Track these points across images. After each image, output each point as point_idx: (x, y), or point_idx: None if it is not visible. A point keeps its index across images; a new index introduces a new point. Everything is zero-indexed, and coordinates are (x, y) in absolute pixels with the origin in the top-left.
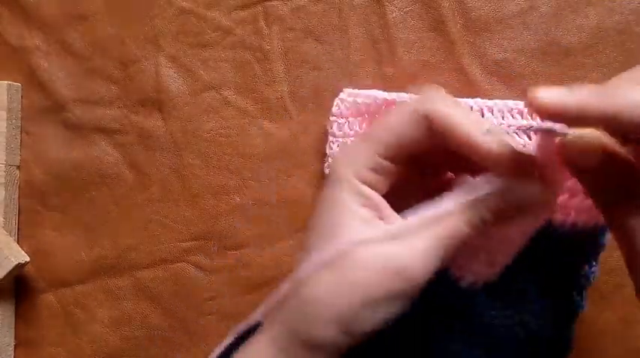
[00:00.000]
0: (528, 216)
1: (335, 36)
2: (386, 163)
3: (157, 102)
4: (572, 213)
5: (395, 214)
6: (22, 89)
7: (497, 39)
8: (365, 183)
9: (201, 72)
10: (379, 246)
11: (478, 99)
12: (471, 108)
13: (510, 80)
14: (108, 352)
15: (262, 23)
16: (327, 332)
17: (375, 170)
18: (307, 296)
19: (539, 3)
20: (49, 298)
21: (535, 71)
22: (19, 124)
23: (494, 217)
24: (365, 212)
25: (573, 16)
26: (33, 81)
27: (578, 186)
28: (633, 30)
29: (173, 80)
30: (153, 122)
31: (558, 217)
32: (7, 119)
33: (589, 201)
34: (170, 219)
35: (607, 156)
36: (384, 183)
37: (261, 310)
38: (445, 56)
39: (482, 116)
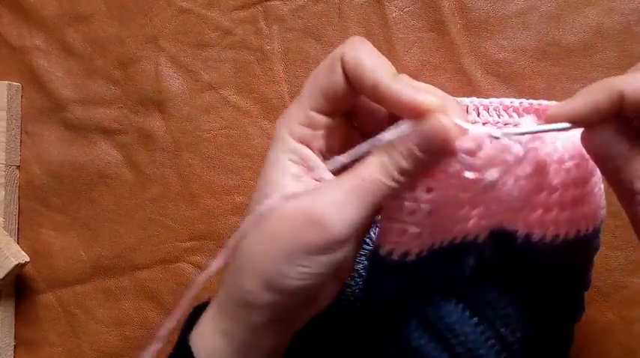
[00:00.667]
0: (438, 159)
1: (335, 36)
2: (318, 116)
3: (156, 102)
4: (551, 227)
5: (328, 173)
6: (22, 89)
7: (497, 39)
8: (299, 139)
9: (201, 72)
10: (299, 198)
11: (474, 99)
12: (467, 107)
13: (510, 80)
14: (108, 352)
15: (262, 23)
16: (252, 287)
17: (307, 124)
18: (239, 253)
19: (539, 3)
20: (49, 298)
21: (535, 71)
22: (19, 124)
23: (408, 162)
24: (296, 168)
25: (573, 16)
26: (33, 81)
27: (550, 201)
28: (633, 30)
29: (173, 80)
30: (153, 122)
31: (537, 233)
32: (7, 119)
33: (566, 213)
34: (170, 219)
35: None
36: (319, 140)
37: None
38: (445, 56)
39: (478, 115)
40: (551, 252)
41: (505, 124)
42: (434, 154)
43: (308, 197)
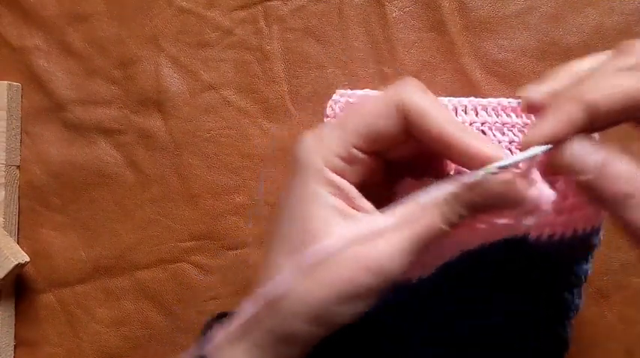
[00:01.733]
0: (500, 211)
1: (335, 36)
2: (358, 153)
3: (156, 103)
4: (547, 229)
5: (368, 204)
6: (22, 89)
7: (497, 39)
8: (335, 172)
9: (201, 72)
10: (349, 236)
11: (472, 99)
12: (465, 107)
13: (510, 80)
14: (108, 352)
15: (262, 23)
16: (304, 327)
17: (346, 159)
18: (283, 294)
19: (539, 3)
20: (49, 298)
21: (535, 71)
22: (19, 124)
23: (468, 211)
24: (337, 202)
25: (573, 16)
26: (33, 81)
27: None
28: (633, 30)
29: (173, 80)
30: (153, 122)
31: (533, 233)
32: (7, 119)
33: (562, 217)
34: (170, 219)
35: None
36: (354, 176)
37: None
38: (445, 56)
39: (477, 115)
40: (547, 249)
41: (503, 124)
42: (498, 208)
43: (366, 246)
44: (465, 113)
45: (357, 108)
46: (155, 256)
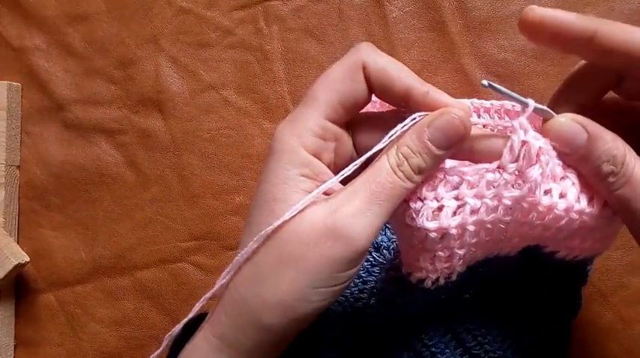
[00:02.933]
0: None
1: (335, 36)
2: (331, 126)
3: (157, 102)
4: (577, 251)
5: (340, 186)
6: (22, 89)
7: (498, 39)
8: (311, 152)
9: (201, 72)
10: (313, 211)
11: (474, 100)
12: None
13: (510, 80)
14: (108, 352)
15: (262, 23)
16: (273, 317)
17: (321, 135)
18: (252, 281)
19: (539, 3)
20: (49, 298)
21: (535, 71)
22: (19, 124)
23: (415, 152)
24: (307, 183)
25: None
26: (33, 81)
27: (584, 233)
28: None
29: (173, 80)
30: (153, 122)
31: (563, 252)
32: (7, 119)
33: (588, 243)
34: (170, 219)
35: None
36: (328, 153)
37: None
38: (445, 56)
39: (479, 116)
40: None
41: (505, 127)
42: (450, 148)
43: (326, 211)
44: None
45: (322, 79)
46: (155, 256)
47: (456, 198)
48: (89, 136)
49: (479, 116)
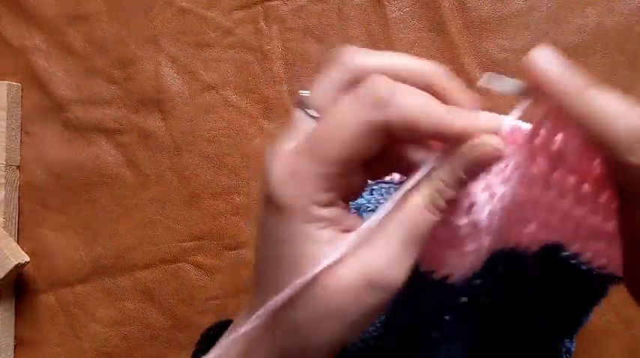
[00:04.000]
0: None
1: (335, 36)
2: (340, 179)
3: (157, 102)
4: (604, 259)
5: (359, 219)
6: (22, 89)
7: (497, 39)
8: (322, 205)
9: (201, 72)
10: (346, 261)
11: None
12: None
13: None
14: (108, 352)
15: (262, 23)
16: (320, 356)
17: (329, 189)
18: (287, 333)
19: (539, 3)
20: (49, 298)
21: None
22: (19, 124)
23: (450, 187)
24: (328, 234)
25: (573, 16)
26: (33, 81)
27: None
28: (633, 30)
29: (173, 80)
30: (153, 122)
31: (588, 257)
32: (7, 119)
33: (618, 254)
34: (170, 219)
35: None
36: (340, 196)
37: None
38: (445, 56)
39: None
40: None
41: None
42: (479, 174)
43: (361, 259)
44: None
45: (325, 132)
46: (155, 256)
47: (486, 189)
48: (89, 136)
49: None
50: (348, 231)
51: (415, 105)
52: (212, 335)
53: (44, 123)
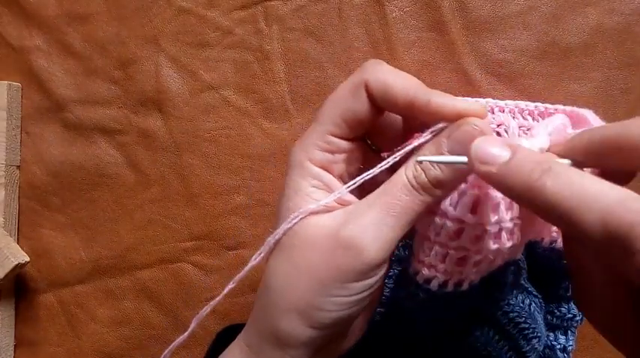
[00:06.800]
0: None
1: (335, 36)
2: (336, 140)
3: (157, 102)
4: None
5: (350, 196)
6: (22, 89)
7: (498, 39)
8: (319, 165)
9: (201, 72)
10: (326, 221)
11: (489, 99)
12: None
13: (510, 80)
14: (108, 352)
15: (262, 23)
16: (289, 326)
17: (326, 149)
18: (268, 288)
19: (539, 3)
20: (49, 298)
21: (535, 71)
22: (19, 124)
23: (441, 170)
24: (319, 193)
25: (573, 16)
26: (33, 81)
27: None
28: (633, 30)
29: (173, 80)
30: (153, 122)
31: (560, 240)
32: (7, 119)
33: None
34: (170, 219)
35: None
36: (340, 163)
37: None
38: (445, 56)
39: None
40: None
41: (519, 127)
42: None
43: (339, 220)
44: None
45: (328, 99)
46: (155, 256)
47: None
48: (89, 136)
49: (492, 113)
50: (343, 205)
51: (391, 73)
52: (222, 336)
53: (44, 123)
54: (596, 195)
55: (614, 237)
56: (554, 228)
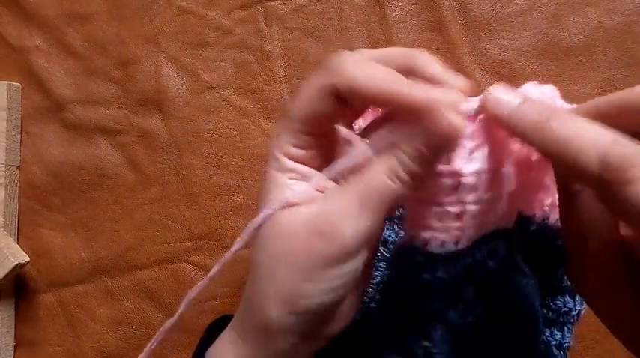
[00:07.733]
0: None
1: (335, 36)
2: (306, 137)
3: (157, 102)
4: (546, 209)
5: (332, 183)
6: (22, 89)
7: (498, 39)
8: (294, 159)
9: (201, 72)
10: (304, 208)
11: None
12: None
13: (510, 80)
14: (108, 352)
15: (262, 23)
16: (274, 313)
17: (299, 146)
18: (252, 278)
19: (539, 3)
20: (49, 298)
21: (535, 71)
22: (19, 124)
23: (411, 158)
24: (295, 185)
25: (573, 16)
26: (33, 81)
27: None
28: (633, 30)
29: (173, 80)
30: (153, 122)
31: (553, 216)
32: (7, 119)
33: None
34: (170, 219)
35: None
36: (313, 156)
37: None
38: (445, 56)
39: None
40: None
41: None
42: (443, 152)
43: (313, 207)
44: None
45: (297, 98)
46: (155, 256)
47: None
48: (89, 136)
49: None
50: (319, 190)
51: (358, 70)
52: (214, 328)
53: (44, 123)
54: (594, 134)
55: (610, 170)
56: (547, 202)
